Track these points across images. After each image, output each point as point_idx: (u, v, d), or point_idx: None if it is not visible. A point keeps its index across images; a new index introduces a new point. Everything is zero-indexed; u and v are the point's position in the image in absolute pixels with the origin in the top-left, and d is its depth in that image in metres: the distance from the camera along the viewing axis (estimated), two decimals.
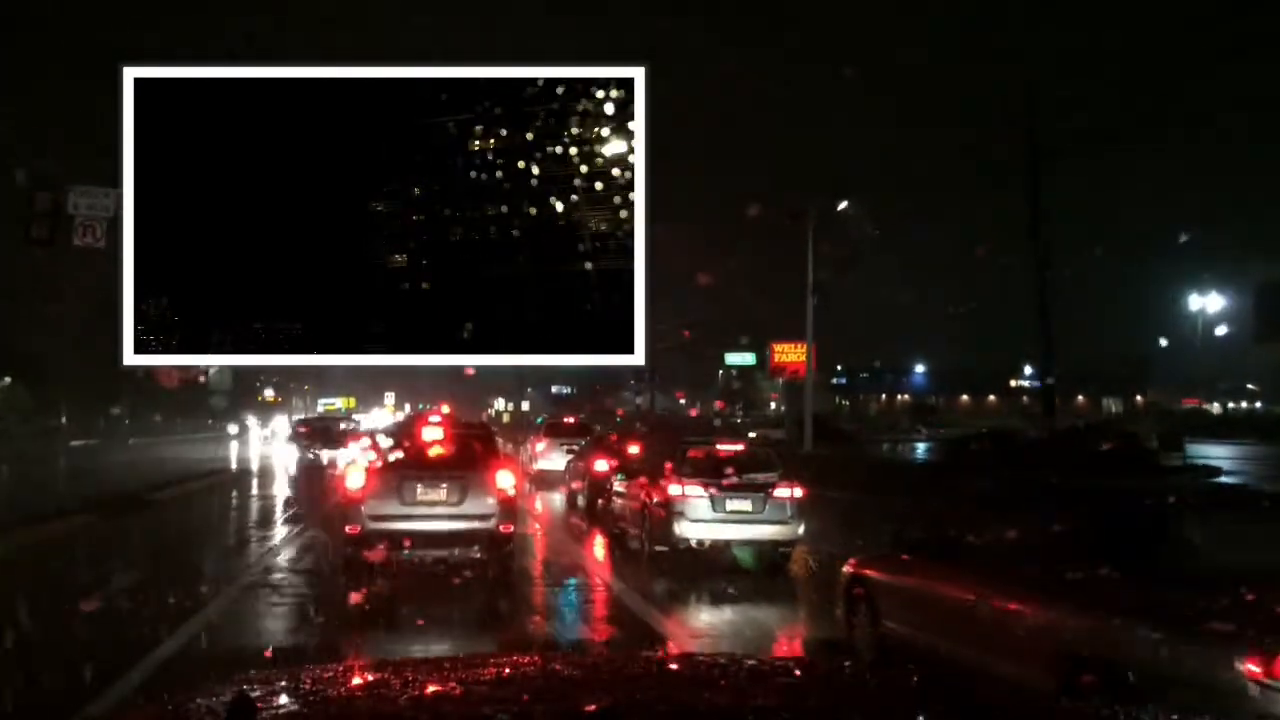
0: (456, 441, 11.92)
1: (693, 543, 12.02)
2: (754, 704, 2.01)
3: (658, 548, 12.45)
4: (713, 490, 12.18)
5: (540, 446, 25.85)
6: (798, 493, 12.36)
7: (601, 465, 19.03)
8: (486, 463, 11.45)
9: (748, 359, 55.20)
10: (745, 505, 12.21)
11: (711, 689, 2.16)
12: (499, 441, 14.11)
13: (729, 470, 12.51)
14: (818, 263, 29.51)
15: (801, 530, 12.21)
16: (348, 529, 10.88)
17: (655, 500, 12.66)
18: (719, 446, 13.58)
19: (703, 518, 12.05)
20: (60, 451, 29.25)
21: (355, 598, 9.51)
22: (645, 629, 8.94)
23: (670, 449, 13.58)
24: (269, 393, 64.29)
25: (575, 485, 20.18)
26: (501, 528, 10.87)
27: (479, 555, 10.82)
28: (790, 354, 39.24)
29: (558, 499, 20.92)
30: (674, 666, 2.78)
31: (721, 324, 55.21)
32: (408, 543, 10.66)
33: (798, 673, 2.57)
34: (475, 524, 10.74)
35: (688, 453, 13.10)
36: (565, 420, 29.24)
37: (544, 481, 23.25)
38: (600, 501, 17.93)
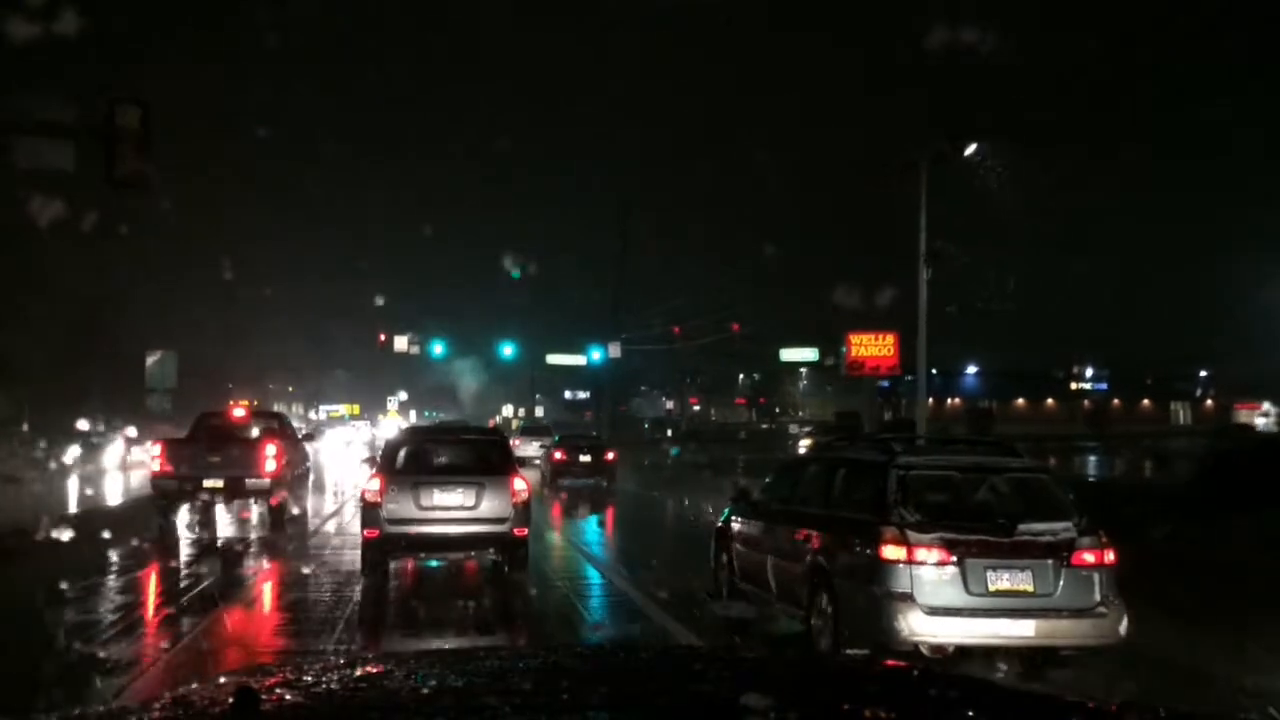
0: (471, 447, 12.85)
1: (926, 646, 7.12)
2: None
3: (851, 650, 7.32)
4: (968, 553, 7.15)
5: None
6: (1109, 556, 7.38)
7: (561, 456, 27.75)
8: (501, 468, 12.05)
9: (808, 355, 53.78)
10: (1024, 581, 7.19)
11: (713, 682, 2.20)
12: (512, 447, 14.95)
13: (988, 515, 7.43)
14: (932, 226, 22.07)
15: (1124, 628, 7.26)
16: (366, 533, 11.65)
17: (843, 563, 7.73)
18: (954, 469, 7.91)
19: (948, 603, 7.09)
20: None
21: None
22: None
23: (868, 466, 8.09)
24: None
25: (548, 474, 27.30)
26: (516, 531, 11.52)
27: (494, 557, 12.03)
28: (872, 347, 32.91)
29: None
30: (677, 659, 2.83)
31: (759, 321, 53.59)
32: (425, 544, 11.82)
33: (799, 667, 2.61)
34: (491, 527, 11.41)
35: (908, 476, 7.58)
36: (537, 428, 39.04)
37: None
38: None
